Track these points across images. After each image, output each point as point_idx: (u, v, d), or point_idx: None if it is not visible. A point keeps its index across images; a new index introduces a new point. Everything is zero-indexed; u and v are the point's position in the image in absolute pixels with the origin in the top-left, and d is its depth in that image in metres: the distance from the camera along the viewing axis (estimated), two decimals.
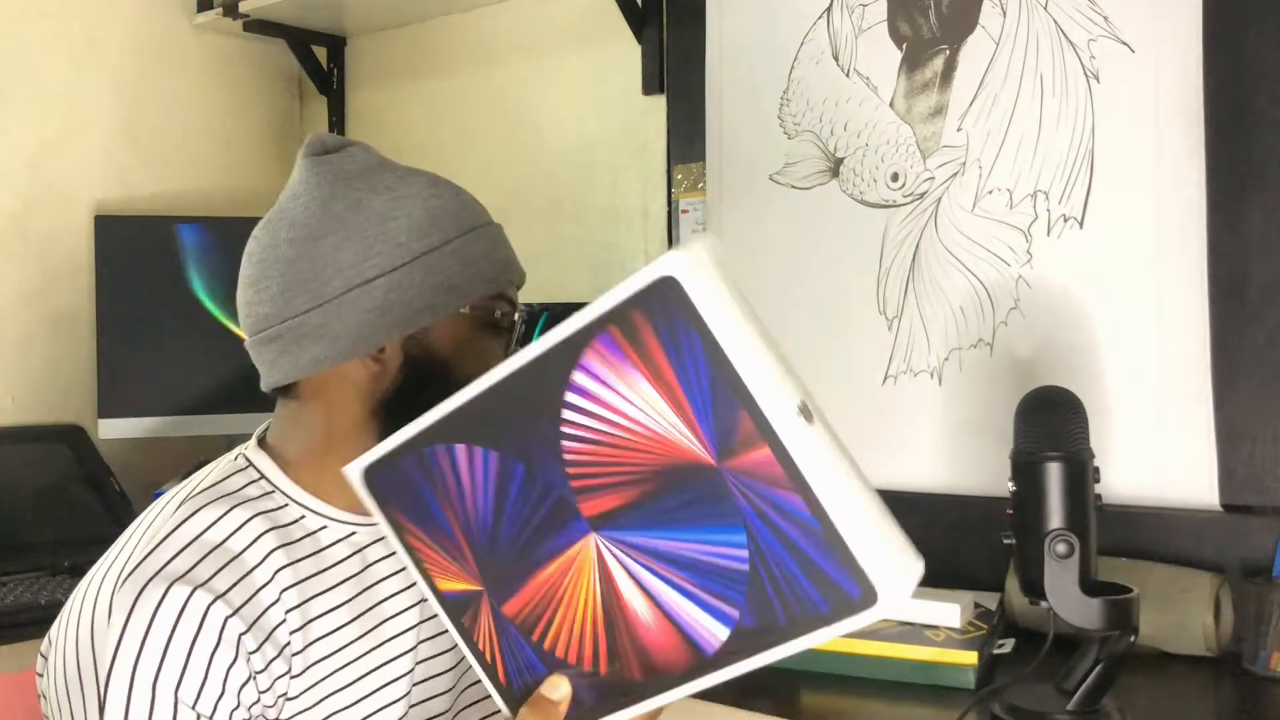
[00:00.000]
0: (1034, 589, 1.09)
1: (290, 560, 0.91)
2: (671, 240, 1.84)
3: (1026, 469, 1.10)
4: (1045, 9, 1.47)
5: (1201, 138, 1.36)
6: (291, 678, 0.89)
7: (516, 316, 1.01)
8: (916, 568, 0.62)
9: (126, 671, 0.82)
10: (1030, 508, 1.10)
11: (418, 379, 0.93)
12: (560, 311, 1.86)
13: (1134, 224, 1.41)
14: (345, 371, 0.92)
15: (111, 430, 1.90)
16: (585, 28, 1.95)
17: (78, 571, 1.60)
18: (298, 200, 0.95)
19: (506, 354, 0.98)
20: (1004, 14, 1.51)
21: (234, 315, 1.98)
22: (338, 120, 2.31)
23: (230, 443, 1.02)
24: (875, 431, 1.60)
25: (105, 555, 0.93)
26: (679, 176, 1.83)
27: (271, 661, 0.87)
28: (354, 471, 0.81)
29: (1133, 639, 1.07)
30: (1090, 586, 1.08)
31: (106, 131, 2.07)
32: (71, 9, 2.02)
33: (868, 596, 0.59)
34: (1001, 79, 1.51)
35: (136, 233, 1.94)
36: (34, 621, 1.43)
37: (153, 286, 1.93)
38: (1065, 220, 1.46)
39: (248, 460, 0.96)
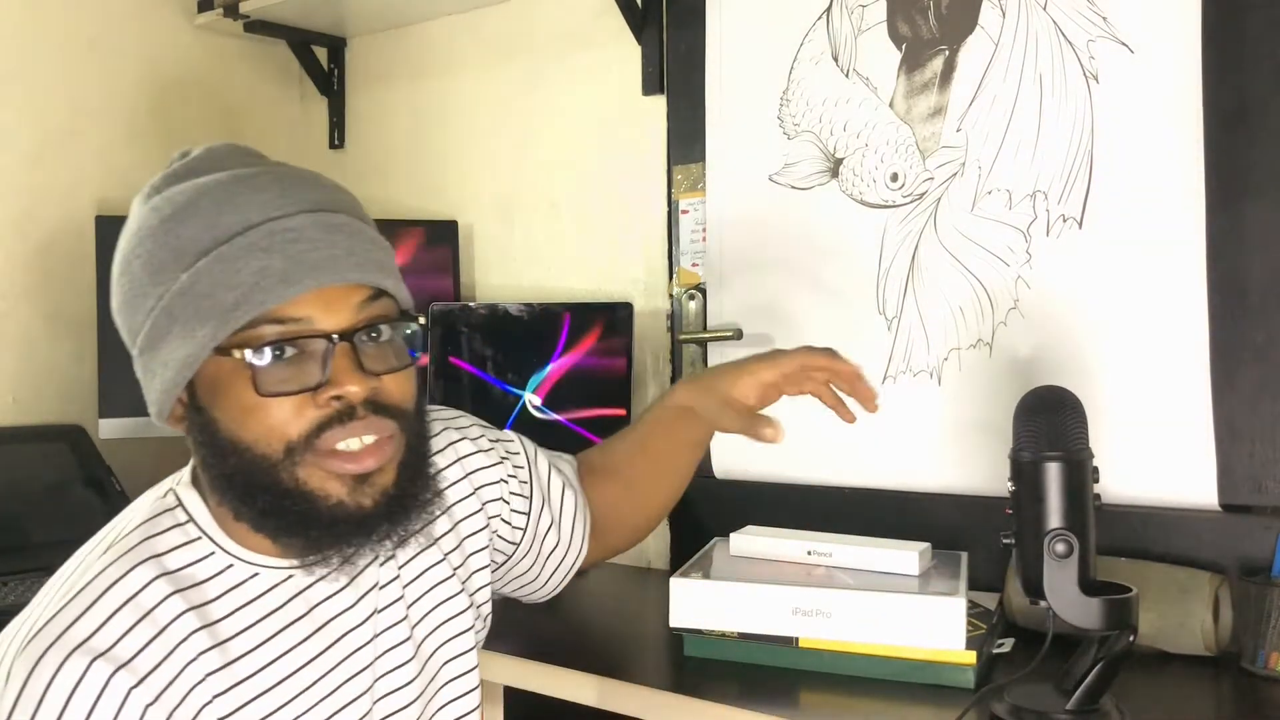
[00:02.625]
0: (1033, 589, 1.10)
1: (205, 622, 0.84)
2: (671, 240, 1.84)
3: (1026, 469, 1.10)
4: (1045, 9, 1.47)
5: (1201, 138, 1.36)
6: None
7: (314, 345, 0.82)
8: None
9: None
10: (1029, 508, 1.10)
11: (206, 444, 0.85)
12: (560, 311, 1.86)
13: (1134, 224, 1.41)
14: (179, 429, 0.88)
15: (111, 430, 1.90)
16: (585, 28, 1.95)
17: None
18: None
19: (327, 380, 0.82)
20: (1003, 14, 1.51)
21: None
22: (338, 121, 2.31)
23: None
24: (875, 431, 1.60)
25: (32, 602, 0.86)
26: (679, 176, 1.83)
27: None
28: None
29: (1132, 639, 1.08)
30: (1089, 586, 1.08)
31: (106, 131, 2.07)
32: (71, 9, 2.02)
33: None
34: (1001, 79, 1.51)
35: None
36: None
37: None
38: (1065, 220, 1.47)
39: (177, 499, 0.89)
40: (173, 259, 0.82)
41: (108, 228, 1.93)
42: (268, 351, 0.81)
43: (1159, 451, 1.39)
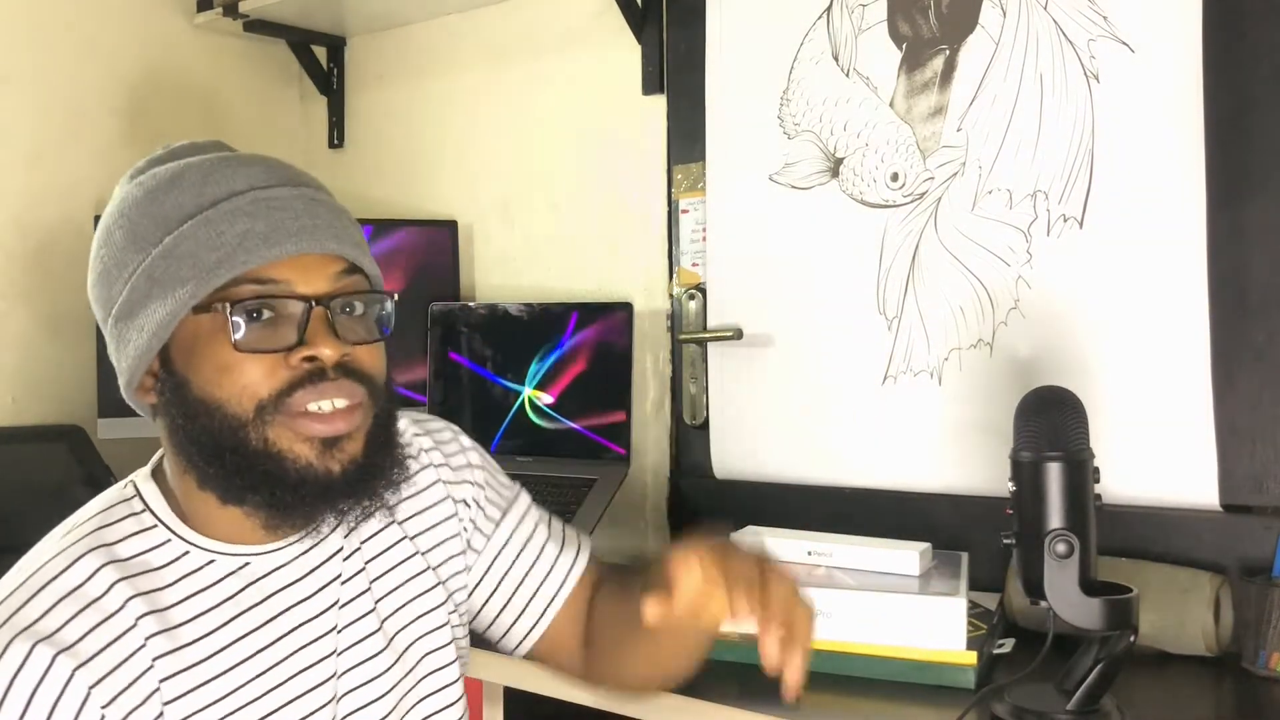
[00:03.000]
0: (1034, 589, 1.09)
1: (155, 608, 0.85)
2: (671, 240, 1.84)
3: (1026, 469, 1.10)
4: (1045, 9, 1.47)
5: (1201, 138, 1.36)
6: (164, 703, 0.84)
7: (290, 306, 0.85)
8: None
9: None
10: (1030, 508, 1.10)
11: (176, 407, 0.86)
12: (561, 311, 1.86)
13: (1134, 224, 1.41)
14: (146, 406, 0.90)
15: (111, 430, 1.90)
16: (585, 28, 1.95)
17: None
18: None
19: (303, 341, 0.84)
20: (1004, 14, 1.51)
21: None
22: (337, 120, 2.31)
23: None
24: (875, 431, 1.61)
25: None
26: (679, 176, 1.83)
27: (134, 711, 0.82)
28: None
29: (1132, 639, 1.07)
30: (1090, 586, 1.08)
31: (106, 131, 2.07)
32: (72, 9, 2.02)
33: None
34: (1001, 79, 1.51)
35: None
36: None
37: None
38: (1065, 220, 1.46)
39: (135, 489, 0.91)
40: (156, 225, 0.85)
41: None
42: (246, 309, 0.83)
43: (1159, 451, 1.39)
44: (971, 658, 1.19)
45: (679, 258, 1.83)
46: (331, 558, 0.95)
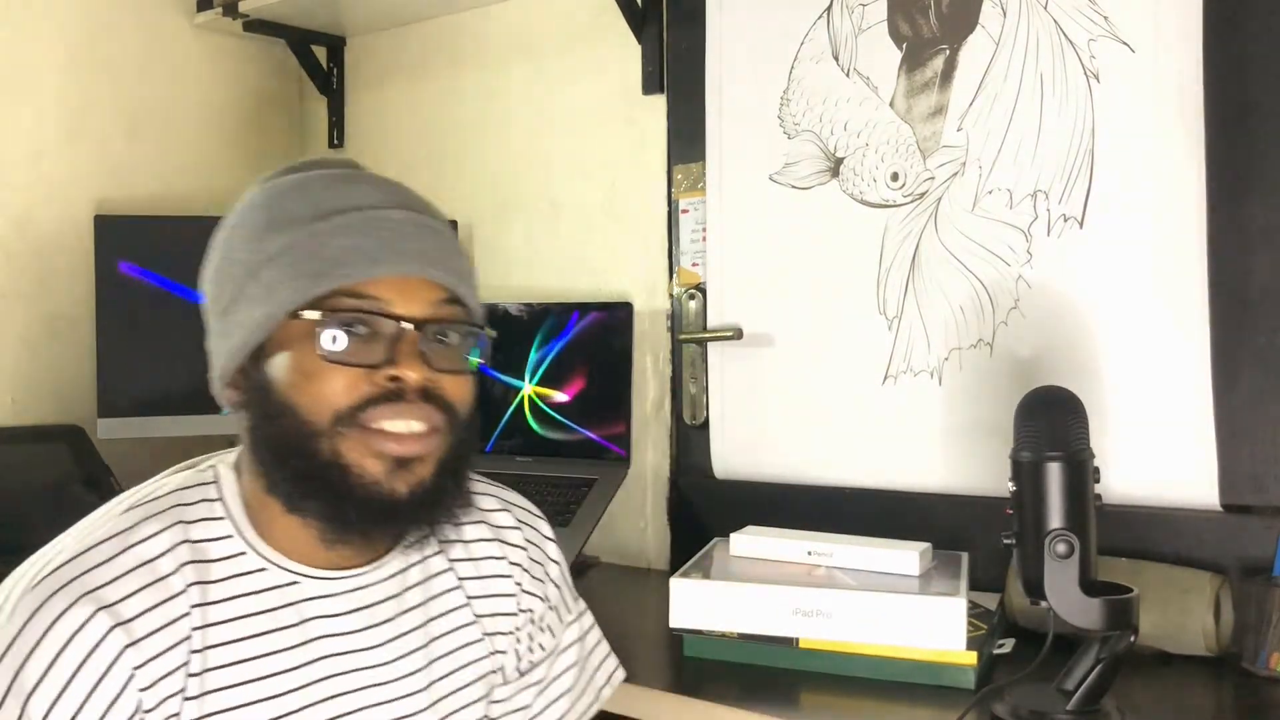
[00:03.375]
0: (1034, 589, 1.09)
1: (209, 599, 0.85)
2: (671, 240, 1.84)
3: (1026, 469, 1.10)
4: (1045, 9, 1.47)
5: (1201, 138, 1.36)
6: (186, 698, 0.84)
7: (385, 325, 0.85)
8: None
9: (3, 683, 0.78)
10: (1030, 508, 1.10)
11: (256, 408, 0.87)
12: (560, 311, 1.86)
13: (1134, 224, 1.41)
14: (232, 402, 0.91)
15: (110, 430, 1.90)
16: (585, 28, 1.95)
17: None
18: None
19: (392, 360, 0.85)
20: (1004, 14, 1.50)
21: None
22: (337, 120, 2.31)
23: (230, 443, 1.01)
24: (875, 431, 1.61)
25: (44, 548, 0.89)
26: (679, 176, 1.83)
27: (164, 701, 0.82)
28: None
29: (1132, 639, 1.07)
30: (1090, 586, 1.08)
31: (106, 131, 2.07)
32: (72, 9, 2.02)
33: None
34: (1001, 79, 1.51)
35: (136, 233, 1.94)
36: None
37: (152, 287, 1.92)
38: (1065, 220, 1.46)
39: (215, 476, 0.92)
40: (271, 230, 0.86)
41: (107, 227, 1.93)
42: (340, 321, 0.84)
43: (1159, 451, 1.39)
44: (971, 658, 1.19)
45: (679, 258, 1.83)
46: (388, 600, 0.94)
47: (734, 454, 1.74)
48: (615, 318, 1.84)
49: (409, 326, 0.85)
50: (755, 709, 1.16)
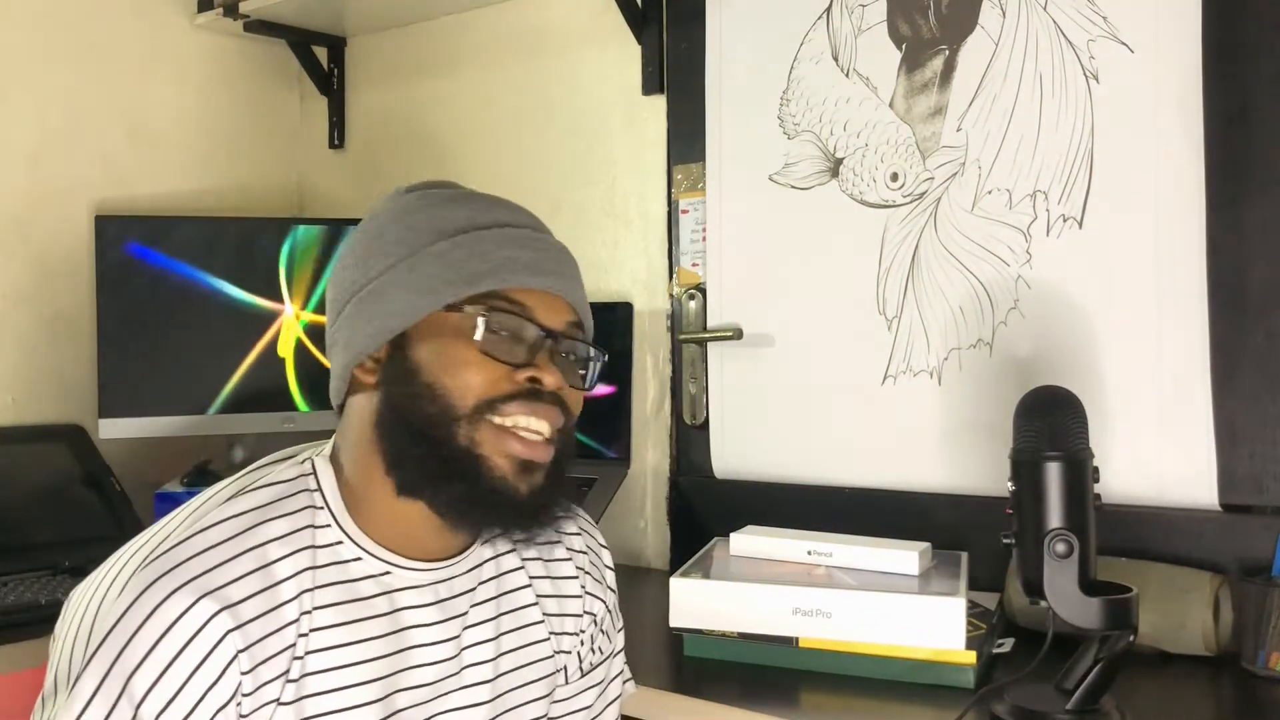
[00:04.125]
0: (1034, 589, 1.10)
1: (316, 584, 0.90)
2: (671, 240, 1.84)
3: (1026, 469, 1.10)
4: (1045, 9, 1.47)
5: (1201, 138, 1.36)
6: (280, 705, 0.87)
7: (530, 330, 0.93)
8: None
9: (107, 660, 0.81)
10: (1030, 508, 1.10)
11: (399, 386, 0.93)
12: None
13: (1133, 224, 1.41)
14: (359, 383, 0.95)
15: (111, 430, 1.90)
16: (585, 28, 1.95)
17: (78, 572, 1.60)
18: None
19: (532, 363, 0.93)
20: (1003, 14, 1.51)
21: (235, 314, 1.98)
22: (338, 121, 2.31)
23: (230, 443, 1.01)
24: (875, 431, 1.61)
25: (153, 526, 0.93)
26: (679, 176, 1.83)
27: (264, 685, 0.85)
28: None
29: (1132, 638, 1.08)
30: (1090, 586, 1.08)
31: (106, 131, 2.07)
32: (72, 9, 2.02)
33: None
34: (1001, 79, 1.51)
35: (136, 233, 1.94)
36: (34, 621, 1.43)
37: (153, 286, 1.93)
38: (1065, 220, 1.47)
39: (313, 468, 0.96)
40: (431, 231, 0.94)
41: (107, 228, 1.93)
42: (495, 319, 0.92)
43: (1159, 451, 1.39)
44: (971, 657, 1.19)
45: (679, 258, 1.83)
46: (463, 594, 0.99)
47: (734, 454, 1.74)
48: (615, 318, 1.84)
49: (551, 336, 0.94)
50: (755, 709, 1.16)
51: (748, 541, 1.41)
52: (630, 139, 1.90)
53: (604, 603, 1.10)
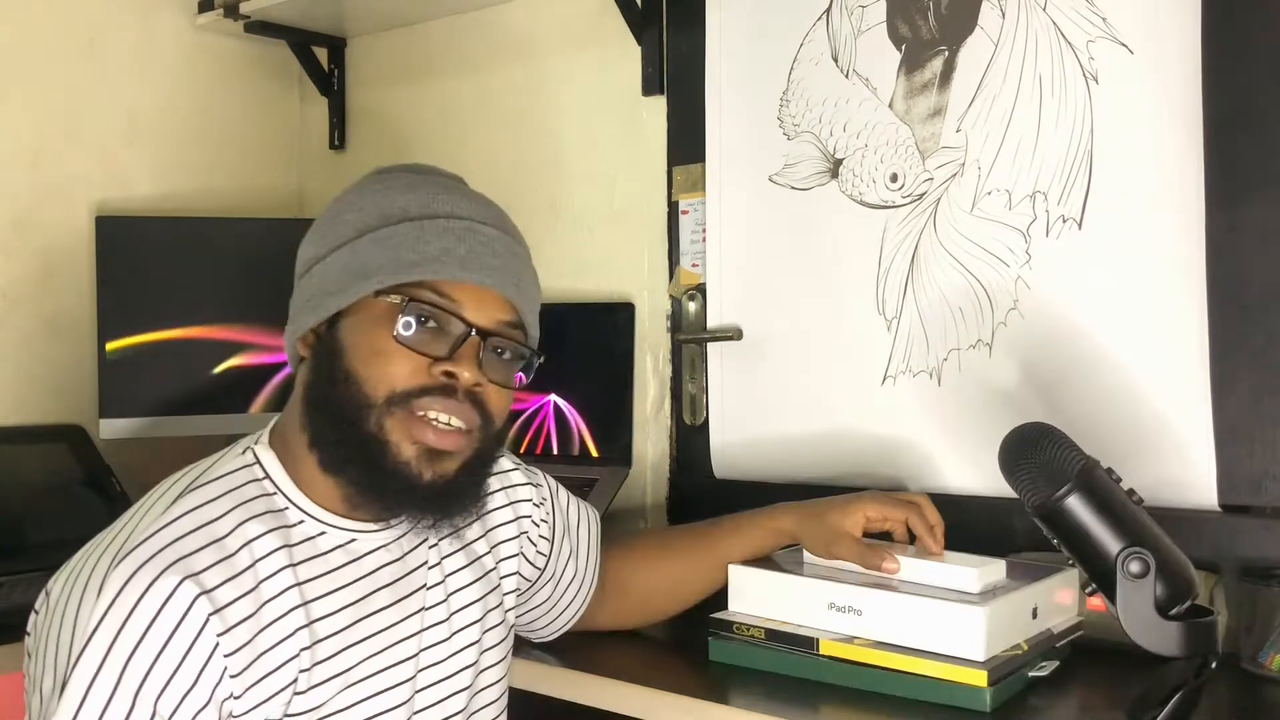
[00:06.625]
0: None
1: (292, 561, 0.92)
2: (671, 240, 1.84)
3: (1052, 517, 1.04)
4: (1044, 10, 1.48)
5: (1201, 138, 1.36)
6: (301, 670, 0.90)
7: (455, 325, 0.94)
8: None
9: (98, 654, 0.82)
10: (1082, 549, 1.03)
11: (324, 364, 0.95)
12: (561, 312, 1.86)
13: (1133, 224, 1.41)
14: (300, 356, 0.99)
15: (111, 430, 1.90)
16: (585, 28, 1.95)
17: None
18: None
19: (451, 358, 0.94)
20: (1003, 15, 1.51)
21: (234, 315, 1.98)
22: (338, 121, 2.31)
23: (230, 442, 1.02)
24: (875, 431, 1.61)
25: (107, 530, 0.94)
26: (679, 177, 1.83)
27: (255, 660, 0.87)
28: None
29: (1214, 664, 1.01)
30: (1167, 608, 1.00)
31: (106, 131, 2.07)
32: (72, 9, 2.02)
33: None
34: (1000, 80, 1.51)
35: (136, 233, 1.94)
36: None
37: (153, 286, 1.93)
38: (1064, 221, 1.47)
39: (255, 457, 0.97)
40: (377, 215, 0.96)
41: (107, 228, 1.93)
42: (418, 310, 0.93)
43: (1159, 451, 1.39)
44: (981, 678, 1.08)
45: (679, 258, 1.83)
46: (419, 546, 1.03)
47: (734, 454, 1.74)
48: (616, 318, 1.84)
49: (475, 333, 0.94)
50: (755, 709, 1.14)
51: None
52: (630, 139, 1.90)
53: (534, 489, 1.17)
